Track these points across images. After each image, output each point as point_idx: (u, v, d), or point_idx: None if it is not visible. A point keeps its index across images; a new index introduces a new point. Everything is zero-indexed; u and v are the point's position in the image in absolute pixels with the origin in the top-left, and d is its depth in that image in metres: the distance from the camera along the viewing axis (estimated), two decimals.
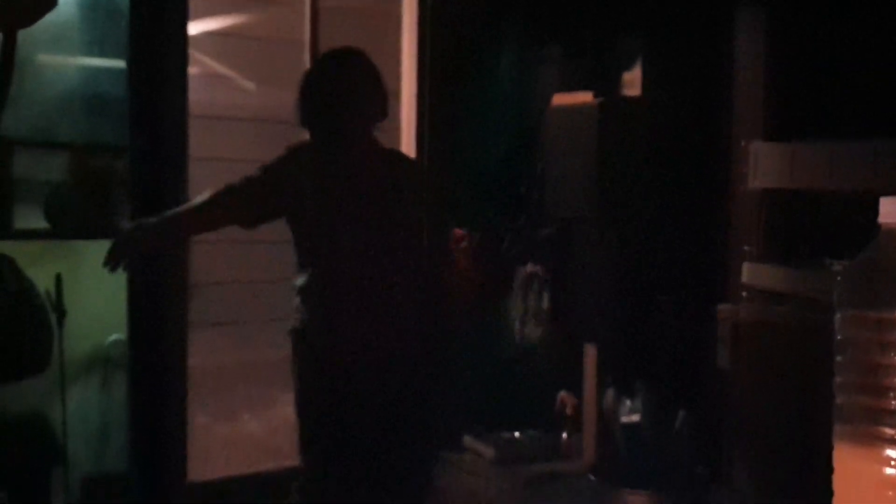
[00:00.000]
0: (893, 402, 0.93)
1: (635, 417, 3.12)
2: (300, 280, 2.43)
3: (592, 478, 1.24)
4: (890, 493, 0.93)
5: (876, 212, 0.96)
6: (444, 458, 3.49)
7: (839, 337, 0.99)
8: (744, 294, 2.68)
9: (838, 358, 0.99)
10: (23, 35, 2.60)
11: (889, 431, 0.93)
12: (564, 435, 3.36)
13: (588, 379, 3.28)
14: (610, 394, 3.24)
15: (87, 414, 3.07)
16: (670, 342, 3.01)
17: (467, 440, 3.53)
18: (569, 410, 3.37)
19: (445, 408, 3.61)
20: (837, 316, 0.99)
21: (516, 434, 3.46)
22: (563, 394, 3.41)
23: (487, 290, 3.49)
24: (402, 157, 2.72)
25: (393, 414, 2.47)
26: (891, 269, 0.94)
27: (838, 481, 0.99)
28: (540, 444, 3.41)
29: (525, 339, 3.63)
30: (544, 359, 3.64)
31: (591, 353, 3.25)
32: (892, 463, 0.92)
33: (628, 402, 3.19)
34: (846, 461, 0.97)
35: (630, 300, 3.10)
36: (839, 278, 0.99)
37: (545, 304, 3.59)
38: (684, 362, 2.96)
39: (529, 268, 3.45)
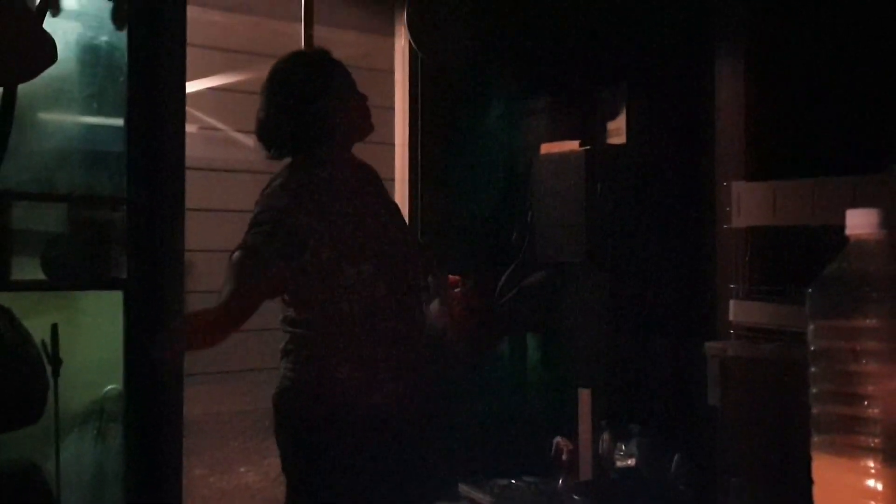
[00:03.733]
0: (868, 410, 0.93)
1: (631, 462, 3.13)
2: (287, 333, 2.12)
3: (576, 498, 1.25)
4: (869, 502, 0.93)
5: None
6: None
7: (812, 348, 0.99)
8: (731, 332, 2.71)
9: (813, 369, 0.99)
10: (23, 88, 2.68)
11: (865, 440, 0.93)
12: (560, 481, 3.34)
13: (583, 423, 3.28)
14: (605, 438, 3.25)
15: (81, 464, 3.05)
16: (662, 383, 3.03)
17: (463, 488, 3.51)
18: (565, 456, 3.36)
19: (441, 456, 3.61)
20: (811, 327, 1.00)
21: (512, 481, 3.44)
22: (558, 439, 3.41)
23: (481, 336, 3.51)
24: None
25: (389, 475, 2.11)
26: (860, 278, 0.96)
27: (818, 492, 0.99)
28: (536, 490, 3.39)
29: (519, 384, 3.64)
30: (539, 404, 3.64)
31: (584, 397, 3.26)
32: (871, 472, 0.92)
33: (623, 447, 3.20)
34: (825, 472, 0.98)
35: (621, 342, 3.13)
36: (810, 290, 1.00)
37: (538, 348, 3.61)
38: (677, 403, 2.97)
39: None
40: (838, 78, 2.57)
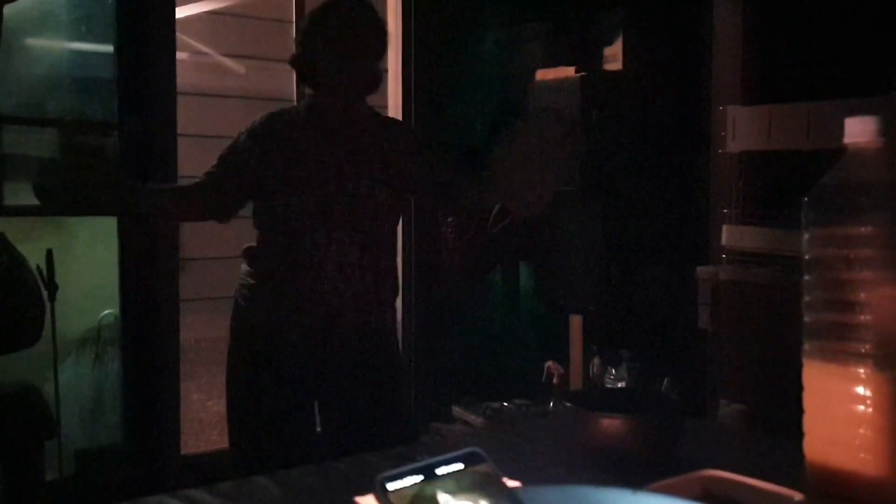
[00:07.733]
0: (860, 317, 0.94)
1: (621, 385, 3.17)
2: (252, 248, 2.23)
3: (568, 404, 1.27)
4: (859, 407, 0.94)
5: None
6: (434, 429, 3.54)
7: (807, 256, 0.99)
8: (724, 256, 2.73)
9: (806, 277, 0.99)
10: (9, 12, 2.62)
11: (856, 346, 0.94)
12: (552, 404, 3.40)
13: (574, 348, 3.32)
14: (595, 362, 3.30)
15: (79, 388, 3.09)
16: (653, 308, 3.06)
17: (456, 410, 3.57)
18: (555, 380, 3.41)
19: (435, 380, 3.66)
20: (805, 236, 0.99)
21: (504, 404, 3.50)
22: (549, 363, 3.45)
23: (474, 264, 3.53)
24: (401, 126, 2.53)
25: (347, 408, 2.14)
26: (856, 186, 0.95)
27: (808, 398, 1.00)
28: (528, 412, 3.45)
29: (511, 310, 3.67)
30: (530, 329, 3.69)
31: (576, 322, 3.29)
32: (861, 377, 0.93)
33: (613, 371, 3.25)
34: (815, 378, 0.98)
35: (613, 268, 3.15)
36: (806, 199, 1.02)
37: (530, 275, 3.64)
38: (667, 327, 3.01)
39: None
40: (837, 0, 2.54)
